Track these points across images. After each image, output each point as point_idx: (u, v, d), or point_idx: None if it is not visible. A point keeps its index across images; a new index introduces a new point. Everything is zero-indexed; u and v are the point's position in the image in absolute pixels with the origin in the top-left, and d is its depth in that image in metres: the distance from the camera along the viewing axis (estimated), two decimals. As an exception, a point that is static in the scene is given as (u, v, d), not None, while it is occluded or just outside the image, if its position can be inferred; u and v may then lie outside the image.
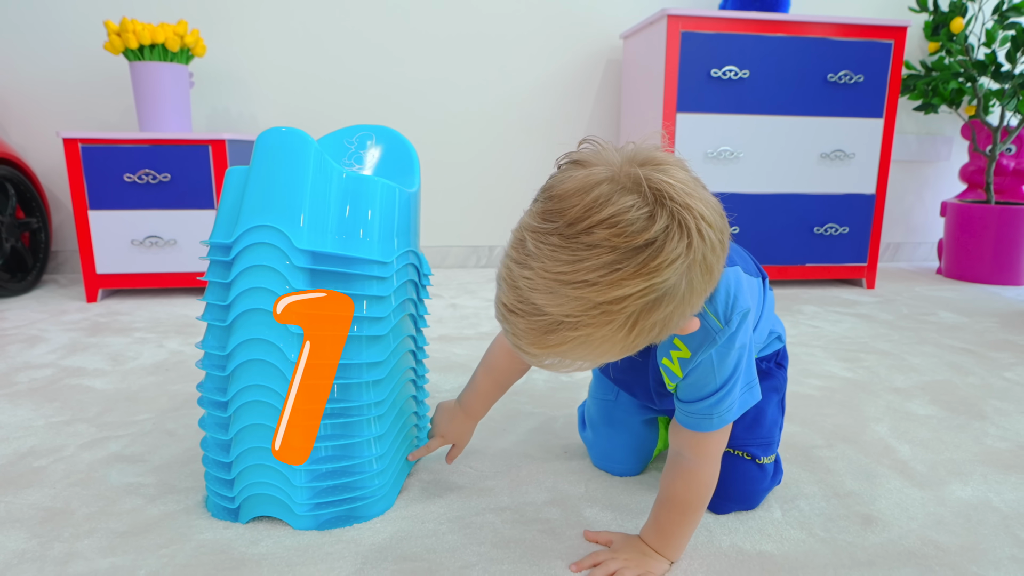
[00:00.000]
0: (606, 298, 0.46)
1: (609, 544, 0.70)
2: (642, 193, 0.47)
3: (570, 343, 0.48)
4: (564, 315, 0.47)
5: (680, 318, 0.51)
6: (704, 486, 0.66)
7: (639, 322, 0.48)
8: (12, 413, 1.06)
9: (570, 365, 0.52)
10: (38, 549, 0.69)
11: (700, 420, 0.64)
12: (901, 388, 1.21)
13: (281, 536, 0.72)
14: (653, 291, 0.47)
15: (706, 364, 0.62)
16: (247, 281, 0.70)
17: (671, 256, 0.46)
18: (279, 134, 0.71)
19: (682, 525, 0.67)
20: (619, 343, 0.49)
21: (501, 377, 0.82)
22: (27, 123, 2.15)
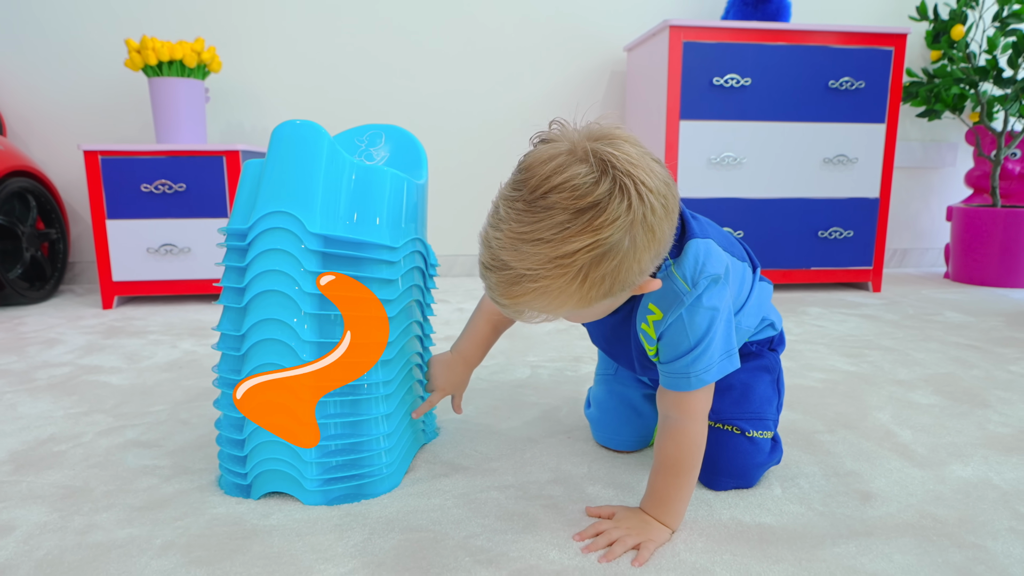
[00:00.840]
0: (558, 253, 0.54)
1: (611, 517, 0.71)
2: (591, 163, 0.54)
3: (531, 294, 0.56)
4: (525, 269, 0.55)
5: (629, 273, 0.56)
6: (692, 444, 0.69)
7: (589, 274, 0.55)
8: (32, 405, 1.09)
9: (536, 316, 0.60)
10: (59, 521, 0.72)
11: (679, 380, 0.67)
12: (904, 380, 1.22)
13: (291, 510, 0.74)
14: (598, 246, 0.54)
15: (677, 324, 0.66)
16: (262, 264, 0.73)
17: (613, 215, 0.53)
18: (294, 126, 0.74)
19: (678, 488, 0.69)
20: (574, 294, 0.56)
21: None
22: (48, 138, 2.22)
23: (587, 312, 0.62)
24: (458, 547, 0.67)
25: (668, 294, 0.66)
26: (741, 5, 2.14)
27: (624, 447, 0.90)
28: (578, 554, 0.66)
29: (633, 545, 0.66)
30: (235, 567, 0.63)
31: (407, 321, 0.83)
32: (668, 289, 0.66)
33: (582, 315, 0.64)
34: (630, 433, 0.88)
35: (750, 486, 0.79)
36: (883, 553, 0.66)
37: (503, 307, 0.59)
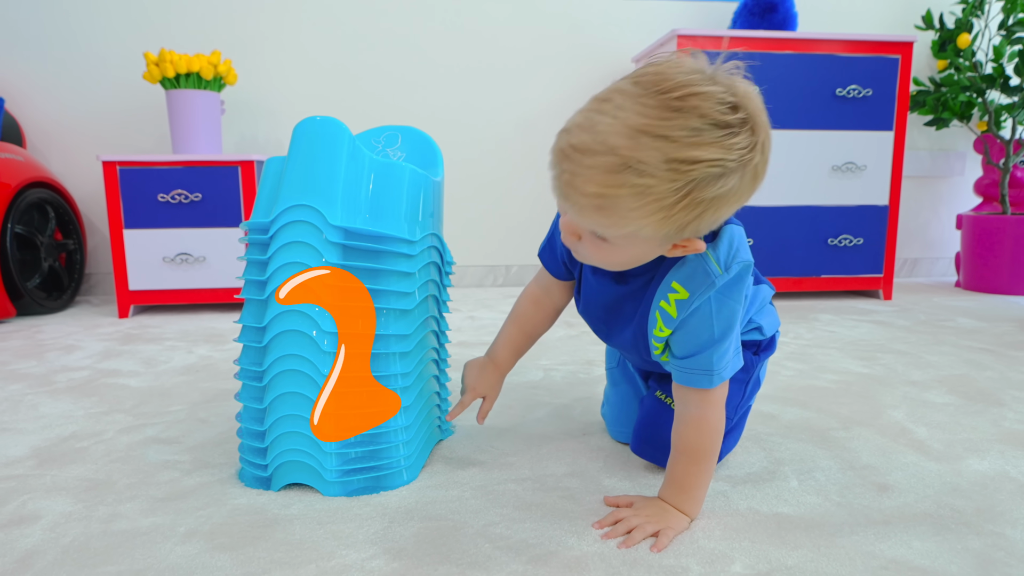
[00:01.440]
0: (681, 155, 0.52)
1: (630, 506, 0.71)
2: (730, 91, 0.54)
3: (625, 189, 0.53)
4: (637, 160, 0.52)
5: (718, 213, 0.56)
6: (712, 430, 0.69)
7: (693, 192, 0.53)
8: (53, 406, 1.11)
9: (599, 221, 0.56)
10: (84, 511, 0.73)
11: (702, 377, 0.67)
12: (918, 381, 1.22)
13: (312, 501, 0.75)
14: (719, 166, 0.53)
15: (704, 310, 0.65)
16: (285, 256, 0.75)
17: (742, 143, 0.53)
18: (316, 121, 0.76)
19: (697, 475, 0.69)
20: (664, 210, 0.54)
21: (529, 327, 0.87)
22: (67, 150, 2.26)
23: (636, 247, 0.60)
24: (477, 535, 0.67)
25: (698, 274, 0.64)
26: (747, 15, 2.17)
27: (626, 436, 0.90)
28: (597, 541, 0.66)
29: (652, 532, 0.66)
30: (258, 552, 0.64)
31: (424, 315, 0.84)
32: (699, 269, 0.64)
33: (627, 248, 0.60)
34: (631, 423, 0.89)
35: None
36: (902, 540, 0.66)
37: (573, 197, 0.55)
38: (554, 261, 0.82)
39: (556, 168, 0.58)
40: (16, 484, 0.80)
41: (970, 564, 0.62)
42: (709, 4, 2.43)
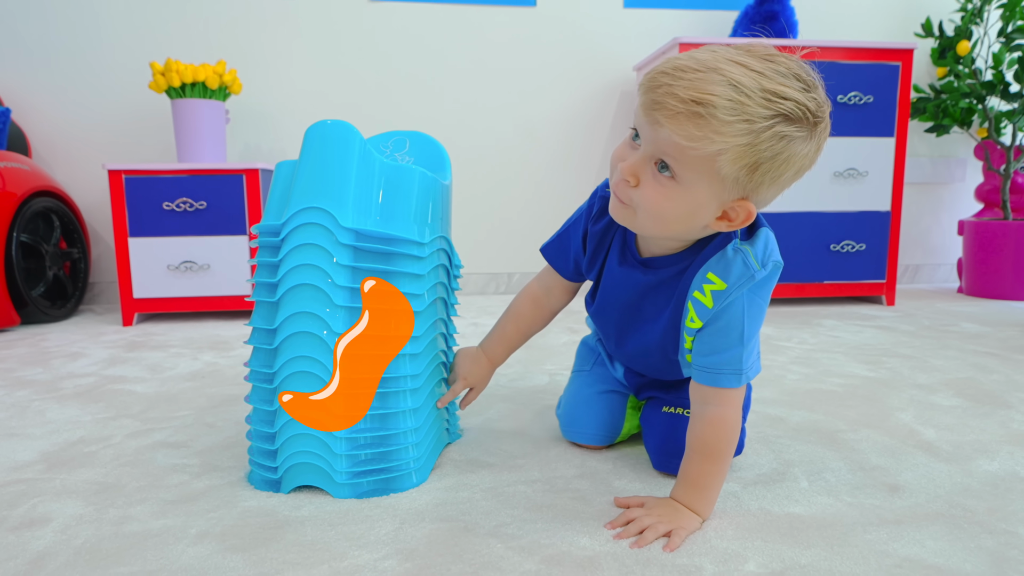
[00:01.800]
0: (774, 88, 0.57)
1: (641, 506, 0.71)
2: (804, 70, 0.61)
3: (726, 99, 0.56)
4: (736, 80, 0.57)
5: (790, 160, 0.60)
6: (730, 429, 0.69)
7: (778, 126, 0.57)
8: (60, 412, 1.11)
9: (690, 132, 0.58)
10: (95, 514, 0.73)
11: (728, 376, 0.68)
12: (924, 384, 1.22)
13: (321, 503, 0.75)
14: (801, 109, 0.58)
15: (736, 307, 0.67)
16: (296, 259, 0.75)
17: (820, 101, 0.60)
18: (327, 125, 0.77)
19: (711, 475, 0.69)
20: (752, 134, 0.57)
21: (524, 325, 0.90)
22: (72, 160, 2.27)
23: (701, 190, 0.61)
24: (489, 535, 0.67)
25: (736, 266, 0.66)
26: (748, 23, 2.18)
27: (590, 441, 0.90)
28: (609, 541, 0.66)
29: (664, 532, 0.66)
30: (271, 553, 0.64)
31: (433, 317, 0.85)
32: (737, 261, 0.66)
33: (691, 191, 0.61)
34: (594, 424, 0.89)
35: None
36: (915, 539, 0.66)
37: (665, 108, 0.58)
38: (564, 259, 0.85)
39: (646, 87, 0.61)
40: (26, 487, 0.80)
41: (984, 562, 0.62)
42: (710, 13, 2.45)
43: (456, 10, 2.36)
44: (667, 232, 0.67)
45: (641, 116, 0.62)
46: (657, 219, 0.65)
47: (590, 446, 0.91)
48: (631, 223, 0.68)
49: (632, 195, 0.65)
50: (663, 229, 0.67)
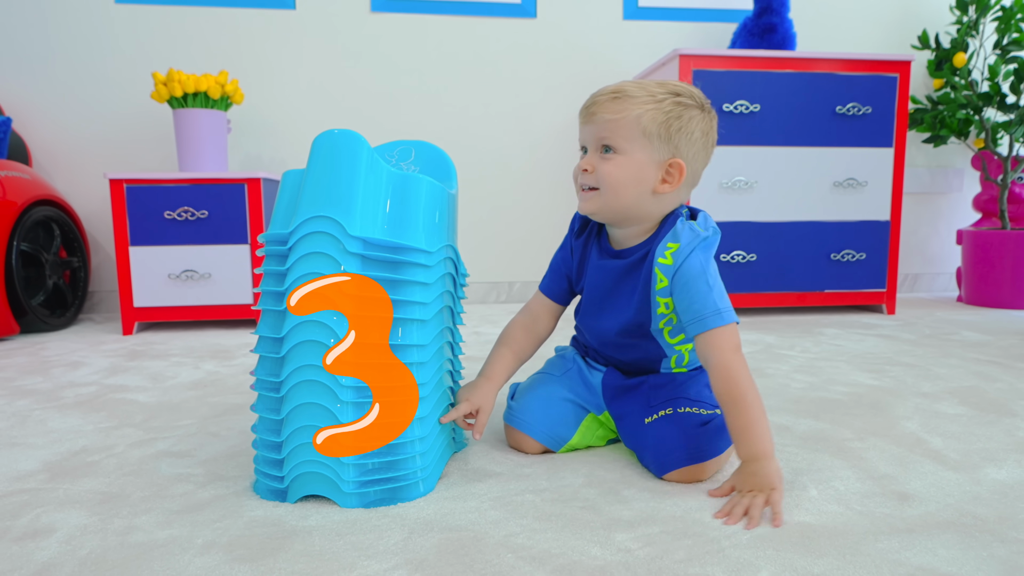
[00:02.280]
0: (663, 82, 0.84)
1: (732, 491, 0.77)
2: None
3: (631, 85, 0.82)
4: (638, 81, 0.84)
5: (689, 126, 0.82)
6: (737, 373, 0.78)
7: (669, 99, 0.81)
8: (62, 421, 1.10)
9: (614, 108, 0.81)
10: (99, 524, 0.72)
11: (712, 318, 0.80)
12: (929, 393, 1.22)
13: (328, 512, 0.74)
14: (686, 92, 0.83)
15: (694, 262, 0.82)
16: (303, 267, 0.75)
17: (705, 99, 0.85)
18: (335, 134, 0.77)
19: (754, 418, 0.76)
20: (656, 102, 0.81)
21: (518, 348, 0.96)
22: (73, 169, 2.27)
23: (639, 153, 0.81)
24: (499, 545, 0.67)
25: (684, 233, 0.84)
26: (747, 35, 2.20)
27: (530, 431, 0.91)
28: (621, 550, 0.66)
29: (764, 502, 0.72)
30: (279, 564, 0.64)
31: (440, 326, 0.84)
32: (685, 230, 0.84)
33: (633, 156, 0.81)
34: (544, 423, 0.91)
35: (701, 459, 0.81)
36: (927, 548, 0.66)
37: (594, 106, 0.83)
38: (558, 282, 0.97)
39: (582, 110, 0.85)
40: (29, 497, 0.79)
41: (997, 571, 0.61)
42: (709, 25, 2.47)
43: (457, 21, 2.37)
44: (625, 199, 0.83)
45: (582, 125, 0.86)
46: (615, 188, 0.83)
47: (524, 447, 0.92)
48: (599, 205, 0.85)
49: (592, 179, 0.84)
50: (621, 196, 0.83)
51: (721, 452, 0.83)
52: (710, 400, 0.88)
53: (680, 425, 0.83)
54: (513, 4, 2.38)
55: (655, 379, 0.92)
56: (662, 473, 0.83)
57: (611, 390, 0.94)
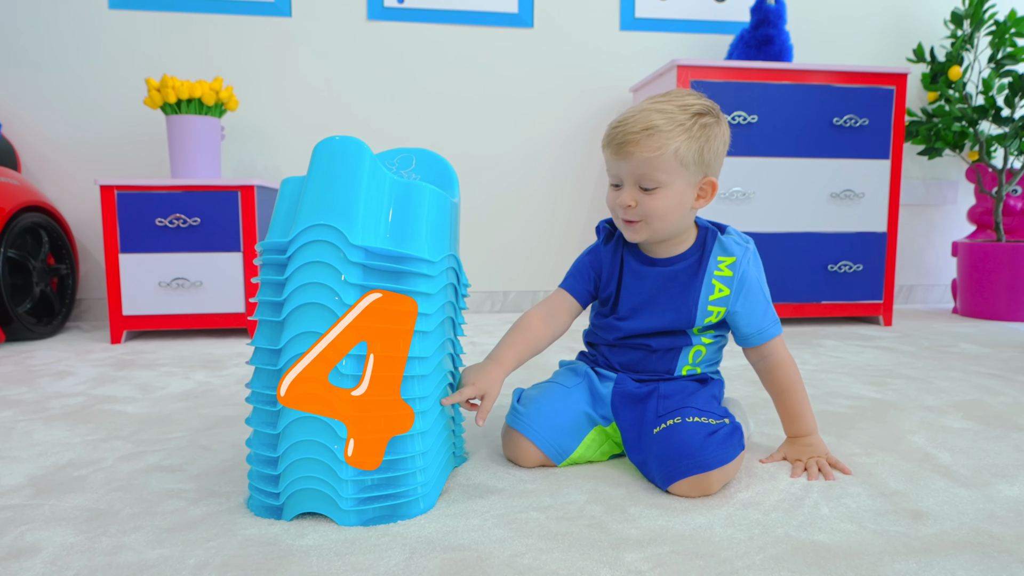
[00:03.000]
0: (680, 102, 0.86)
1: (785, 459, 0.92)
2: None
3: (659, 118, 0.84)
4: (660, 109, 0.85)
5: (714, 142, 0.86)
6: (790, 364, 0.92)
7: (697, 118, 0.84)
8: (48, 433, 1.06)
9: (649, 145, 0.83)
10: (86, 543, 0.69)
11: (772, 327, 0.91)
12: (933, 406, 1.20)
13: (327, 531, 0.72)
14: (702, 107, 0.86)
15: (751, 276, 0.90)
16: (303, 277, 0.73)
17: (714, 104, 0.88)
18: (337, 141, 0.75)
19: (801, 403, 0.91)
20: (686, 131, 0.84)
21: (533, 339, 0.93)
22: (62, 175, 2.24)
23: (676, 183, 0.85)
24: (505, 566, 0.64)
25: (731, 245, 0.91)
26: (744, 47, 2.20)
27: (535, 437, 0.89)
28: (631, 571, 0.63)
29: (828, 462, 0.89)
30: (275, 586, 0.61)
31: (442, 338, 0.82)
32: (730, 242, 0.91)
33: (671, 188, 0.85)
34: (551, 430, 0.89)
35: (708, 468, 0.79)
36: (946, 569, 0.64)
37: (628, 144, 0.84)
38: (584, 283, 0.98)
39: (609, 142, 0.87)
40: (13, 514, 0.76)
41: (1019, 593, 0.60)
42: (705, 36, 2.47)
43: (452, 30, 2.36)
44: (670, 224, 0.88)
45: (614, 161, 0.87)
46: (663, 217, 0.87)
47: (522, 456, 0.90)
48: (648, 235, 0.89)
49: (637, 213, 0.87)
50: (667, 223, 0.88)
51: (729, 461, 0.80)
52: (718, 411, 0.87)
53: (688, 434, 0.81)
54: (510, 14, 2.37)
55: (665, 387, 0.91)
56: (668, 484, 0.80)
57: (621, 398, 0.92)
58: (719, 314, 0.91)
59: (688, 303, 0.91)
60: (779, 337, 0.92)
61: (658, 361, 0.94)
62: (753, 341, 0.92)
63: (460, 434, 0.94)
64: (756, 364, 0.94)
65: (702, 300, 0.91)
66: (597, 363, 0.99)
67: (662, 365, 0.95)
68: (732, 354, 1.54)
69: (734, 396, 1.26)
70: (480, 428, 1.07)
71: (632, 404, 0.91)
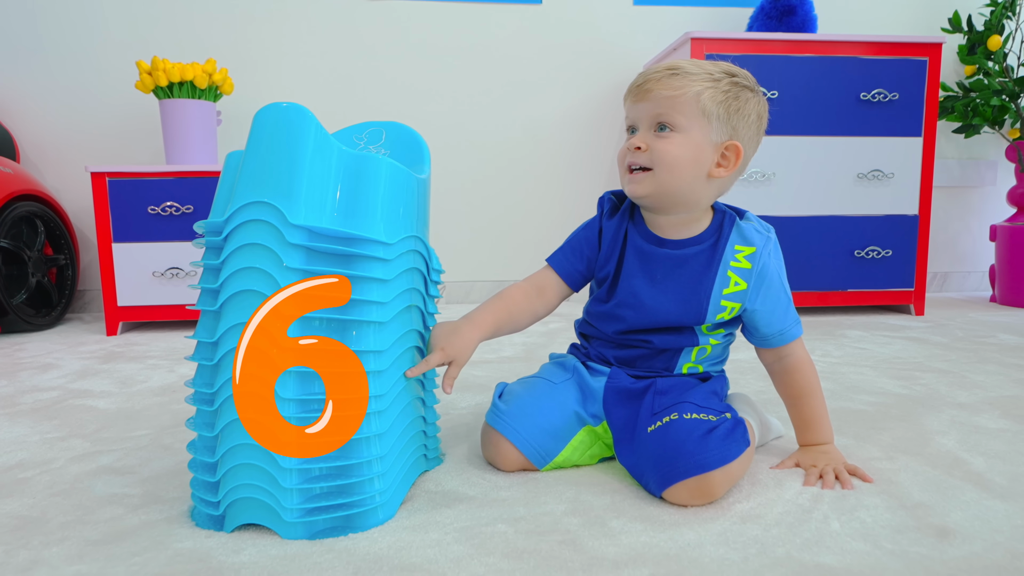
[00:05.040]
0: (713, 63, 0.78)
1: (798, 466, 0.82)
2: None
3: (687, 63, 0.77)
4: (691, 59, 0.78)
5: (745, 108, 0.78)
6: (809, 366, 0.83)
7: (725, 79, 0.76)
8: (8, 430, 1.01)
9: (671, 84, 0.76)
10: (2, 557, 0.63)
11: (792, 327, 0.82)
12: (966, 403, 1.09)
13: (266, 545, 0.64)
14: (737, 74, 0.78)
15: (771, 270, 0.81)
16: (238, 261, 0.65)
17: (755, 81, 0.80)
18: (277, 108, 0.67)
19: (820, 408, 0.83)
20: (714, 81, 0.76)
21: (515, 310, 0.85)
22: (63, 164, 2.20)
23: (696, 133, 0.76)
24: (456, 590, 0.56)
25: (751, 233, 0.81)
26: (764, 18, 2.07)
27: (518, 440, 0.80)
28: (600, 600, 0.55)
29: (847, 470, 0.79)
30: (190, 612, 0.53)
31: (403, 329, 0.74)
32: (749, 228, 0.82)
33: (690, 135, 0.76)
34: (537, 431, 0.80)
35: (709, 467, 0.70)
36: (976, 602, 0.54)
37: (649, 82, 0.77)
38: (574, 262, 0.88)
39: (631, 89, 0.80)
40: (-64, 522, 0.70)
41: (1066, 635, 0.50)
42: (722, 9, 2.34)
43: (458, 8, 2.27)
44: (681, 181, 0.77)
45: (632, 104, 0.80)
46: (671, 167, 0.77)
47: (502, 458, 0.81)
48: (651, 187, 0.78)
49: (645, 159, 0.77)
50: (677, 177, 0.77)
51: (732, 459, 0.71)
52: (718, 406, 0.78)
53: (684, 432, 0.72)
54: (517, -11, 2.27)
55: (662, 383, 0.82)
56: (664, 487, 0.71)
57: (614, 394, 0.83)
58: (732, 310, 0.81)
59: (699, 295, 0.81)
60: (800, 338, 0.84)
61: (658, 358, 0.85)
62: (773, 343, 0.83)
63: (434, 434, 0.85)
64: (771, 365, 0.85)
65: (715, 293, 0.80)
66: (589, 356, 0.90)
67: (660, 363, 0.85)
68: (743, 346, 1.43)
69: (744, 392, 1.16)
70: (461, 429, 0.99)
71: (625, 401, 0.83)
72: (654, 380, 0.83)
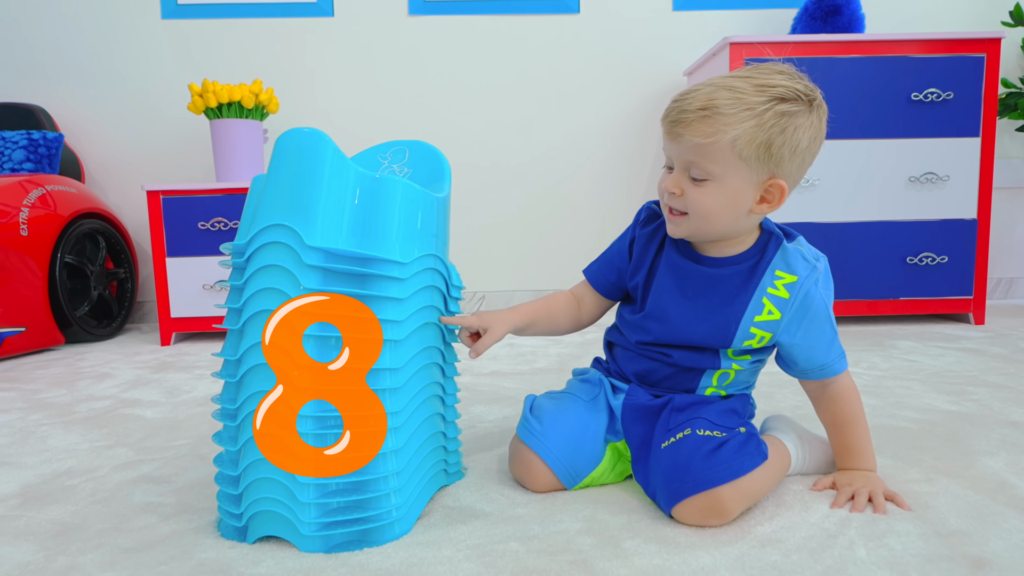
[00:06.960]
0: (763, 81, 0.70)
1: (834, 486, 0.79)
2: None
3: (725, 99, 0.69)
4: (730, 85, 0.70)
5: (794, 136, 0.70)
6: (853, 393, 0.80)
7: (776, 106, 0.69)
8: (62, 438, 1.07)
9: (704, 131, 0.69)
10: (42, 562, 0.67)
11: (837, 362, 0.78)
12: (1020, 422, 1.03)
13: (284, 558, 0.66)
14: (790, 90, 0.69)
15: (818, 301, 0.76)
16: (259, 282, 0.68)
17: (806, 82, 0.72)
18: (297, 134, 0.69)
19: (863, 436, 0.79)
20: (756, 117, 0.68)
21: (556, 311, 0.87)
22: (124, 183, 2.33)
23: (734, 180, 0.71)
24: (462, 609, 0.57)
25: (796, 260, 0.76)
26: (809, 20, 2.01)
27: (551, 459, 0.79)
28: (604, 625, 0.54)
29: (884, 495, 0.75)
30: (206, 623, 0.56)
31: (420, 346, 0.75)
32: (797, 255, 0.77)
33: (726, 183, 0.71)
34: (566, 450, 0.79)
35: (717, 483, 0.68)
36: (1005, 641, 0.51)
37: (682, 122, 0.70)
38: (605, 273, 0.88)
39: (665, 119, 0.73)
40: (-12, 527, 0.75)
41: None
42: (765, 12, 2.29)
43: (497, 21, 2.29)
44: (718, 226, 0.75)
45: (667, 141, 0.74)
46: (705, 216, 0.73)
47: (531, 477, 0.80)
48: (689, 231, 0.76)
49: (680, 204, 0.74)
50: (714, 224, 0.74)
51: (743, 474, 0.69)
52: (733, 423, 0.76)
53: (695, 448, 0.71)
54: (555, 0, 2.28)
55: (679, 399, 0.81)
56: (673, 504, 0.70)
57: (632, 411, 0.82)
58: (762, 339, 0.78)
59: (728, 318, 0.77)
60: (846, 372, 0.80)
61: (676, 377, 0.83)
62: (812, 376, 0.80)
63: (455, 448, 0.86)
64: (812, 391, 0.82)
65: (745, 318, 0.77)
66: (609, 372, 0.89)
67: (681, 383, 0.83)
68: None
69: (781, 407, 1.13)
70: (484, 442, 1.00)
71: (643, 418, 0.81)
72: (672, 397, 0.82)
